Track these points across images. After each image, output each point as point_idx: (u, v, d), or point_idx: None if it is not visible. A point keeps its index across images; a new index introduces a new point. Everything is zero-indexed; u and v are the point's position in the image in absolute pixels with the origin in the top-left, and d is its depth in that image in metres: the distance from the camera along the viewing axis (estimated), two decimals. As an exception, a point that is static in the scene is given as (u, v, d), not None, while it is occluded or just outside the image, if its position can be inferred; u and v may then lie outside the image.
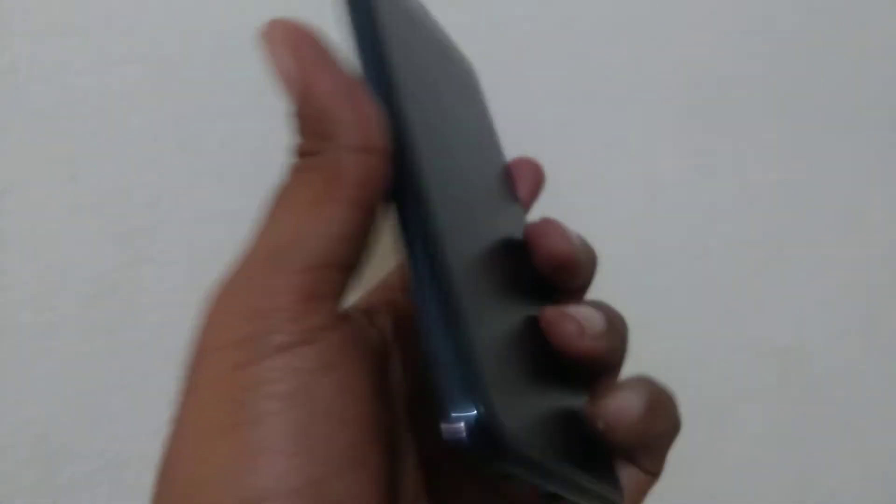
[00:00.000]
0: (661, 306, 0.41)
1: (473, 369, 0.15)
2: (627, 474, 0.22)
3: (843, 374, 0.45)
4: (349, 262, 0.17)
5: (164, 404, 0.35)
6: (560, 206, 0.40)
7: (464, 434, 0.14)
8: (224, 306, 0.17)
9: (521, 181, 0.29)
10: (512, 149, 0.35)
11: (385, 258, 0.24)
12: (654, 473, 0.23)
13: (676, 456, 0.41)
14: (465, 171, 0.22)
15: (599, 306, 0.23)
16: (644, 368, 0.41)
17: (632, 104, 0.41)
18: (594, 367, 0.22)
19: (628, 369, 0.41)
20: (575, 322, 0.21)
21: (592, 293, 0.36)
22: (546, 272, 0.23)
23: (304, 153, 0.18)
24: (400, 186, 0.17)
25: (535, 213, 0.36)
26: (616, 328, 0.22)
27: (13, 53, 0.32)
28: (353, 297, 0.24)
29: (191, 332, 0.33)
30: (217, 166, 0.34)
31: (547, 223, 0.23)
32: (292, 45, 0.18)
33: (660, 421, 0.21)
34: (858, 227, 0.45)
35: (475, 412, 0.14)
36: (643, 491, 0.23)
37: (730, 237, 0.42)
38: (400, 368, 0.21)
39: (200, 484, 0.15)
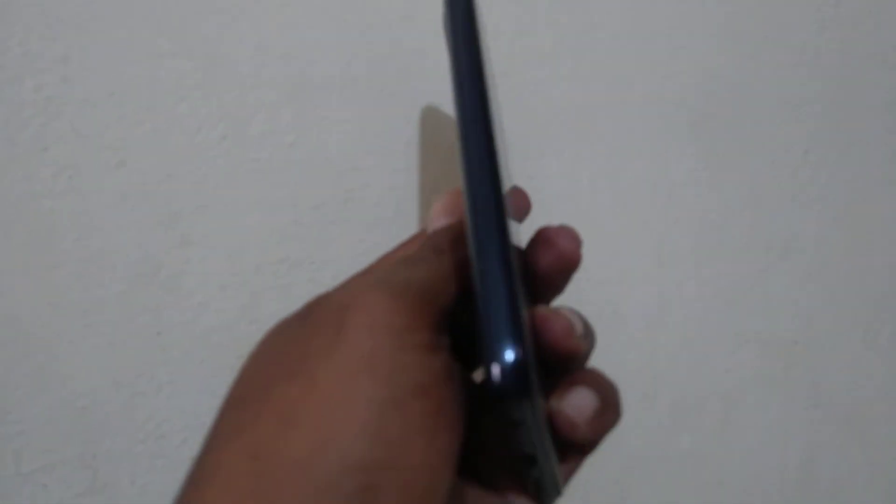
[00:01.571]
0: (672, 301, 0.43)
1: (519, 323, 0.17)
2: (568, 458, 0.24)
3: (848, 367, 0.46)
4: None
5: (202, 380, 0.37)
6: (576, 204, 0.41)
7: (509, 374, 0.17)
8: (380, 299, 0.19)
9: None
10: (524, 153, 0.37)
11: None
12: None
13: (686, 444, 0.43)
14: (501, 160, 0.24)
15: (574, 311, 0.24)
16: (655, 361, 0.42)
17: (641, 107, 0.43)
18: (569, 364, 0.24)
19: (641, 361, 0.43)
20: (566, 321, 0.22)
21: (608, 287, 0.38)
22: (551, 271, 0.25)
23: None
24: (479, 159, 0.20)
25: (561, 208, 0.38)
26: (590, 331, 0.24)
27: (66, 44, 0.34)
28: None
29: (231, 312, 0.35)
30: (257, 155, 0.36)
31: (565, 227, 0.25)
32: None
33: (609, 415, 0.24)
34: (862, 224, 0.47)
35: (518, 358, 0.17)
36: (574, 471, 0.25)
37: (738, 234, 0.44)
38: None
39: (331, 433, 0.17)
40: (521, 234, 0.28)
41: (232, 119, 0.36)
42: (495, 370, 0.17)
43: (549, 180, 0.41)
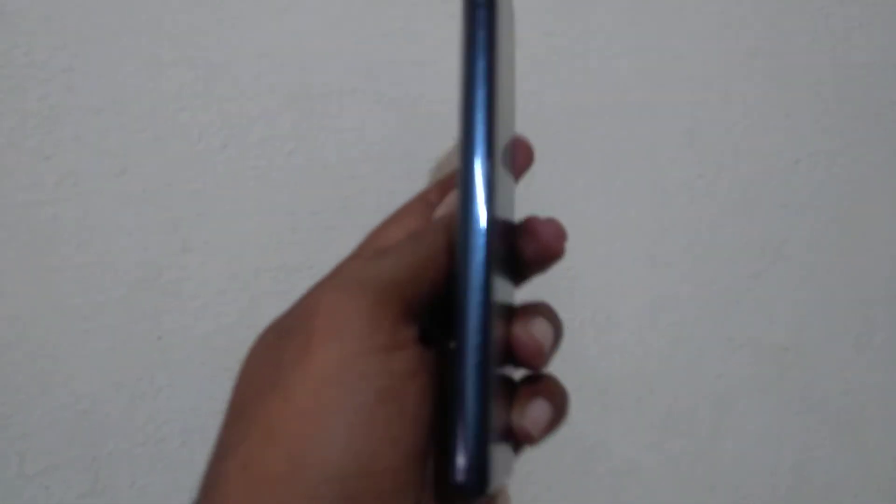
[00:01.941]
0: (665, 306, 0.44)
1: (484, 442, 0.20)
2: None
3: (840, 373, 0.47)
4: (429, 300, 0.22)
5: (201, 384, 0.37)
6: (571, 209, 0.42)
7: (469, 483, 0.20)
8: (340, 302, 0.20)
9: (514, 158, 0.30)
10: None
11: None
12: None
13: (677, 449, 0.44)
14: (505, 130, 0.25)
15: (549, 314, 0.25)
16: (647, 365, 0.43)
17: (636, 113, 0.43)
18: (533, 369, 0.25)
19: (633, 365, 0.43)
20: (539, 344, 0.24)
21: (600, 291, 0.38)
22: (533, 260, 0.26)
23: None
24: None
25: (557, 213, 0.39)
26: (559, 337, 0.26)
27: (70, 54, 0.35)
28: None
29: (230, 316, 0.36)
30: (256, 163, 0.37)
31: (551, 221, 0.26)
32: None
33: (560, 422, 0.25)
34: (856, 228, 0.47)
35: (478, 475, 0.20)
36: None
37: (730, 240, 0.45)
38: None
39: (308, 446, 0.18)
40: (516, 204, 0.28)
41: (232, 127, 0.36)
42: (459, 470, 0.19)
43: (544, 186, 0.41)
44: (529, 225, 0.25)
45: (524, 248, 0.25)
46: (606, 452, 0.43)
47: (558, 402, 0.25)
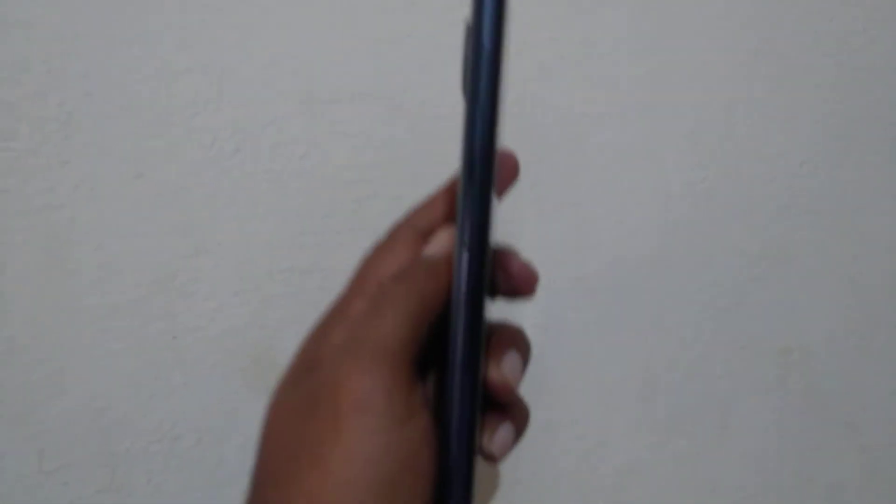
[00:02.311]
0: (669, 306, 0.44)
1: (469, 487, 0.24)
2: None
3: (843, 373, 0.47)
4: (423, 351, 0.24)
5: (215, 383, 0.38)
6: (578, 211, 0.43)
7: None
8: (361, 381, 0.23)
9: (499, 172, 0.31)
10: (531, 152, 0.38)
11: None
12: None
13: (678, 449, 0.44)
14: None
15: (520, 344, 0.27)
16: (651, 366, 0.44)
17: (640, 115, 0.44)
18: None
19: (638, 367, 0.44)
20: (509, 386, 0.26)
21: (604, 292, 0.39)
22: (505, 291, 0.27)
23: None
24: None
25: (563, 215, 0.39)
26: (528, 362, 0.27)
27: (87, 61, 0.35)
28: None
29: (243, 317, 0.36)
30: (268, 167, 0.37)
31: (524, 267, 0.27)
32: None
33: (517, 440, 0.27)
34: (859, 230, 0.48)
35: None
36: None
37: (733, 242, 0.45)
38: None
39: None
40: (500, 213, 0.29)
41: (244, 132, 0.37)
42: None
43: (548, 187, 0.42)
44: (504, 261, 0.27)
45: (497, 278, 0.26)
46: (611, 452, 0.44)
47: (522, 424, 0.27)
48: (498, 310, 0.27)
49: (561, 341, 0.43)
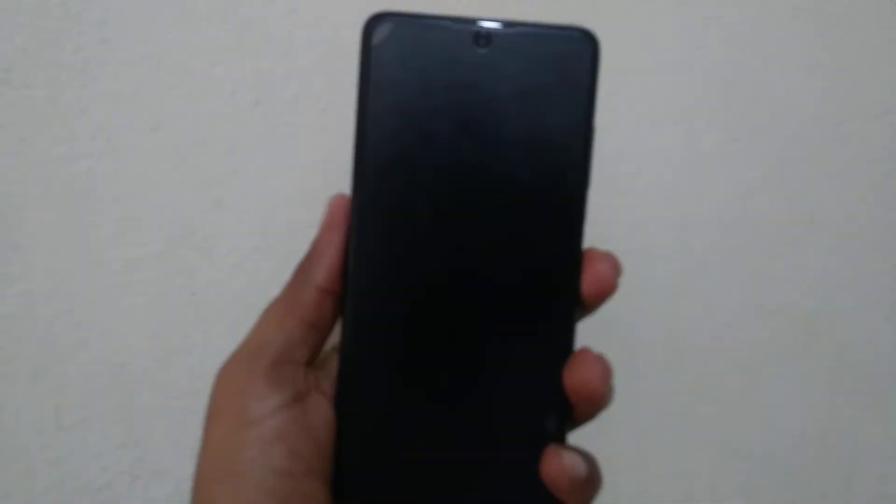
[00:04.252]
0: (696, 272, 0.43)
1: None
2: None
3: (870, 341, 0.46)
4: (303, 359, 0.25)
5: (234, 339, 0.37)
6: (606, 175, 0.42)
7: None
8: (225, 382, 0.25)
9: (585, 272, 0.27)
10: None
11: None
12: None
13: (705, 413, 0.44)
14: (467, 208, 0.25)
15: (586, 455, 0.26)
16: (677, 331, 0.43)
17: (671, 75, 0.43)
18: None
19: (663, 331, 0.43)
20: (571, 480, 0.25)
21: (631, 257, 0.38)
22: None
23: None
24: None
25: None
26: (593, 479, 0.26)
27: (104, 6, 0.34)
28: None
29: (263, 273, 0.36)
30: (289, 120, 0.36)
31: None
32: (329, 210, 0.27)
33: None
34: (888, 198, 0.47)
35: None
36: None
37: (763, 205, 0.44)
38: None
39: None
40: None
41: (265, 83, 0.36)
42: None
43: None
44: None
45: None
46: (634, 416, 0.43)
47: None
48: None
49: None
